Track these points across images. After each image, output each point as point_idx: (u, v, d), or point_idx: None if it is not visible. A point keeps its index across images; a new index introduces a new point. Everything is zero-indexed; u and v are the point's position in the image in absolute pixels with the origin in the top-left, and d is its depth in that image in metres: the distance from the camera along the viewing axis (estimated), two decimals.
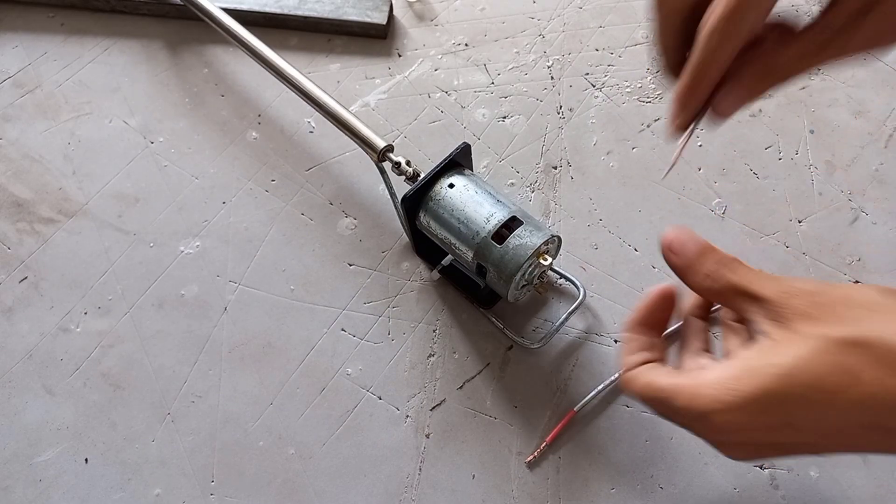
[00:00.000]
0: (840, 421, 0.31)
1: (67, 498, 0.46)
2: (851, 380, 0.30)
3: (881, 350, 0.30)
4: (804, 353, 0.31)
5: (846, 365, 0.30)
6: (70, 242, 0.55)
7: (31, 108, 0.61)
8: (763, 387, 0.31)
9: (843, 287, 0.32)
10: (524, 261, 0.43)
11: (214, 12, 0.57)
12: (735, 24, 0.31)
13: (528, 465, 0.46)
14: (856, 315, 0.31)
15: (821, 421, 0.31)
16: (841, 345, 0.31)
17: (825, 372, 0.31)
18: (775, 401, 0.31)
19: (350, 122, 0.50)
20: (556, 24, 0.65)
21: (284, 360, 0.50)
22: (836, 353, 0.31)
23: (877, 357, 0.30)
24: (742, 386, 0.32)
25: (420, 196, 0.47)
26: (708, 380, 0.33)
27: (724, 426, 0.32)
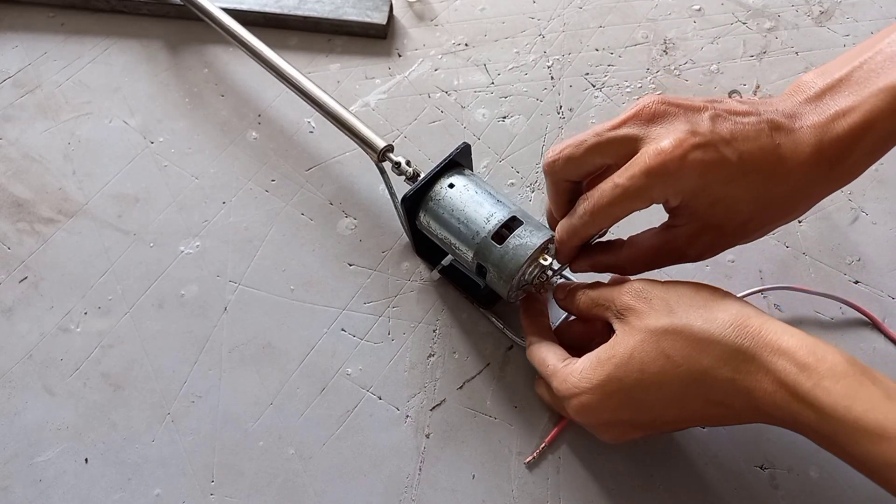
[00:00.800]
0: (671, 396, 0.37)
1: (67, 498, 0.46)
2: (668, 362, 0.36)
3: (688, 334, 0.36)
4: (634, 344, 0.37)
5: (663, 349, 0.36)
6: (70, 242, 0.55)
7: (31, 108, 0.61)
8: (607, 374, 0.38)
9: (665, 284, 0.39)
10: (524, 261, 0.43)
11: (214, 12, 0.57)
12: (595, 221, 0.40)
13: (528, 465, 0.46)
14: (671, 308, 0.37)
15: (657, 397, 0.37)
16: (659, 333, 0.36)
17: (649, 358, 0.37)
18: (617, 384, 0.37)
19: (350, 122, 0.50)
20: (556, 24, 0.65)
21: (284, 360, 0.50)
22: (655, 340, 0.36)
23: (686, 340, 0.36)
24: (593, 374, 0.38)
25: (420, 196, 0.47)
26: (573, 369, 0.40)
27: (582, 407, 0.39)
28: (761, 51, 0.63)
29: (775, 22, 0.65)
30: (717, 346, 0.35)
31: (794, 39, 0.64)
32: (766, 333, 0.34)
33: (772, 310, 0.51)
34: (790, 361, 0.33)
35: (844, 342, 0.50)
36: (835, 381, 0.31)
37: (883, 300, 0.51)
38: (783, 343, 0.33)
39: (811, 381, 0.32)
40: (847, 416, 0.31)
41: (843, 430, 0.31)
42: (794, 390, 0.32)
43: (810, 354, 0.33)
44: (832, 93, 0.37)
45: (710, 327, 0.35)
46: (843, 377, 0.32)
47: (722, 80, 0.62)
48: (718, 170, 0.36)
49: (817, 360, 0.32)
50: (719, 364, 0.35)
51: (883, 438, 0.30)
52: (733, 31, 0.65)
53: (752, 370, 0.34)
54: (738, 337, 0.34)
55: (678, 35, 0.65)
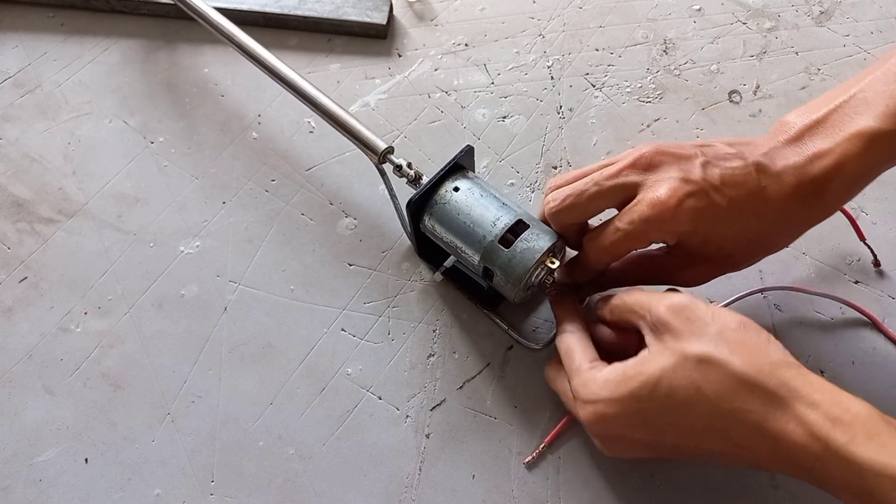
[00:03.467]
0: (693, 428, 0.36)
1: (67, 498, 0.46)
2: (697, 393, 0.35)
3: (725, 370, 0.35)
4: (665, 365, 0.36)
5: (694, 379, 0.35)
6: (70, 242, 0.55)
7: (31, 108, 0.61)
8: (630, 391, 0.37)
9: (711, 308, 0.38)
10: (532, 264, 0.43)
11: (213, 16, 0.57)
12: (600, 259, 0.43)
13: (528, 465, 0.46)
14: (713, 337, 0.36)
15: (677, 426, 0.37)
16: (694, 361, 0.36)
17: (679, 385, 0.36)
18: (638, 404, 0.37)
19: (349, 123, 0.50)
20: (556, 24, 0.65)
21: (284, 360, 0.50)
22: (689, 368, 0.36)
23: (721, 376, 0.35)
24: (616, 388, 0.38)
25: (425, 199, 0.47)
26: (597, 375, 0.39)
27: (596, 417, 0.39)
28: (761, 51, 0.63)
29: (775, 22, 0.65)
30: (753, 389, 0.34)
31: (794, 39, 0.64)
32: (801, 385, 0.34)
33: (772, 310, 0.51)
34: (823, 415, 0.32)
35: (844, 342, 0.50)
36: (869, 438, 0.31)
37: (883, 300, 0.51)
38: (817, 396, 0.33)
39: (845, 437, 0.31)
40: (885, 472, 0.30)
41: (879, 486, 0.30)
42: (827, 445, 0.32)
43: (842, 410, 0.32)
44: (810, 134, 0.40)
45: (748, 369, 0.34)
46: (877, 433, 0.31)
47: (722, 80, 0.62)
48: (709, 214, 0.39)
49: (851, 417, 0.32)
50: (751, 407, 0.34)
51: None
52: (733, 31, 0.65)
53: (784, 420, 0.33)
54: (774, 385, 0.34)
55: (678, 35, 0.65)
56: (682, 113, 0.60)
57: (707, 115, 0.60)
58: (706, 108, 0.61)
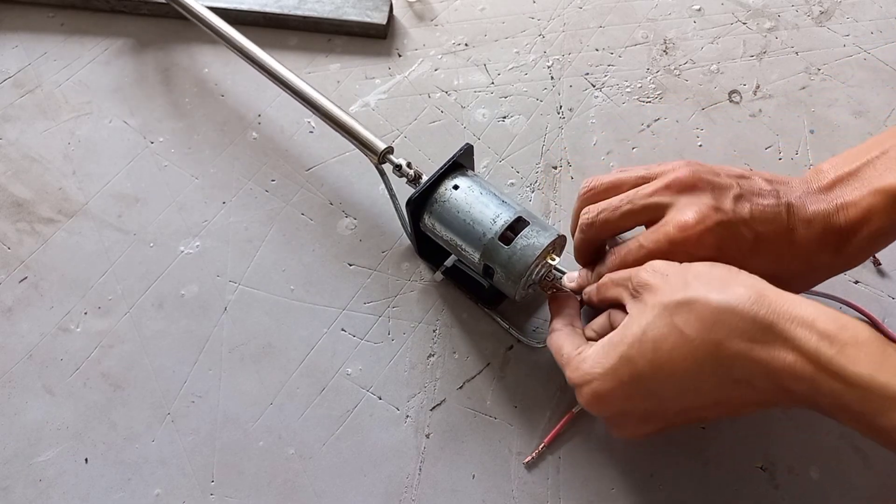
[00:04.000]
0: (686, 376, 0.35)
1: (67, 498, 0.46)
2: (681, 337, 0.35)
3: (702, 306, 0.34)
4: (647, 321, 0.36)
5: (676, 324, 0.35)
6: (70, 242, 0.55)
7: (31, 108, 0.61)
8: (619, 355, 0.37)
9: (683, 263, 0.38)
10: (532, 261, 0.43)
11: (214, 20, 0.57)
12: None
13: (527, 465, 0.46)
14: (687, 282, 0.36)
15: (671, 381, 0.36)
16: (673, 307, 0.36)
17: (662, 334, 0.35)
18: (629, 368, 0.36)
19: (348, 124, 0.50)
20: (556, 24, 0.65)
21: (284, 360, 0.50)
22: (669, 315, 0.35)
23: (699, 313, 0.35)
24: (605, 359, 0.37)
25: (424, 198, 0.47)
26: (585, 356, 0.39)
27: (593, 396, 0.38)
28: (761, 51, 0.63)
29: (775, 22, 0.65)
30: (733, 316, 0.34)
31: (794, 39, 0.64)
32: (783, 303, 0.33)
33: None
34: (810, 330, 0.32)
35: None
36: (858, 349, 0.31)
37: (883, 300, 0.51)
38: (802, 312, 0.33)
39: (834, 349, 0.31)
40: (874, 383, 0.30)
41: (869, 398, 0.30)
42: (817, 359, 0.31)
43: (831, 323, 0.32)
44: (841, 185, 0.40)
45: (725, 298, 0.34)
46: (867, 344, 0.31)
47: (722, 80, 0.62)
48: (734, 245, 0.39)
49: (839, 329, 0.31)
50: (735, 335, 0.33)
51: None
52: (733, 31, 0.65)
53: (770, 340, 0.33)
54: (755, 306, 0.33)
55: (678, 35, 0.65)
56: (682, 113, 0.60)
57: (707, 115, 0.60)
58: (706, 108, 0.61)
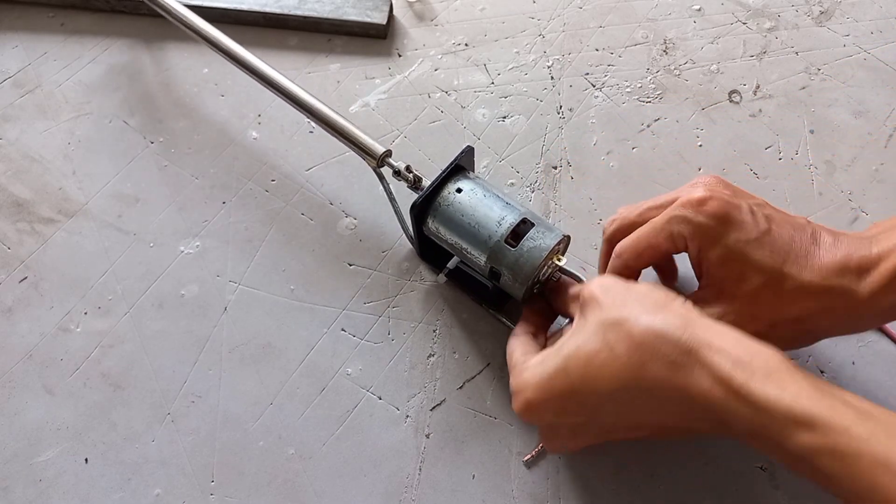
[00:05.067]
0: (614, 394, 0.36)
1: (67, 498, 0.46)
2: (611, 354, 0.35)
3: (631, 326, 0.35)
4: (584, 336, 0.37)
5: (608, 340, 0.36)
6: (70, 242, 0.55)
7: (31, 108, 0.61)
8: (554, 366, 0.37)
9: (628, 282, 0.39)
10: (540, 262, 0.43)
11: (203, 25, 0.57)
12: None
13: (527, 463, 0.46)
14: (625, 302, 0.37)
15: (600, 396, 0.36)
16: (606, 324, 0.36)
17: (594, 349, 0.36)
18: (562, 379, 0.37)
19: (345, 128, 0.49)
20: (556, 24, 0.65)
21: (284, 360, 0.50)
22: (603, 332, 0.36)
23: (628, 333, 0.35)
24: (542, 369, 0.38)
25: (428, 202, 0.46)
26: (527, 365, 0.39)
27: (525, 405, 0.39)
28: (761, 51, 0.63)
29: (775, 22, 0.65)
30: (657, 339, 0.35)
31: (794, 39, 0.64)
32: (707, 332, 0.34)
33: None
34: (726, 357, 0.33)
35: (844, 342, 0.50)
36: (767, 375, 0.32)
37: None
38: (722, 340, 0.34)
39: (745, 375, 0.32)
40: (778, 406, 0.31)
41: (774, 422, 0.31)
42: (729, 384, 0.32)
43: (745, 351, 0.33)
44: (882, 236, 0.39)
45: (653, 321, 0.35)
46: (776, 371, 0.32)
47: (722, 80, 0.62)
48: (740, 229, 0.39)
49: (751, 356, 0.33)
50: (656, 359, 0.34)
51: (812, 426, 0.31)
52: (733, 31, 0.65)
53: (689, 365, 0.34)
54: (679, 332, 0.34)
55: (678, 35, 0.65)
56: (682, 113, 0.60)
57: (707, 115, 0.60)
58: (706, 108, 0.61)
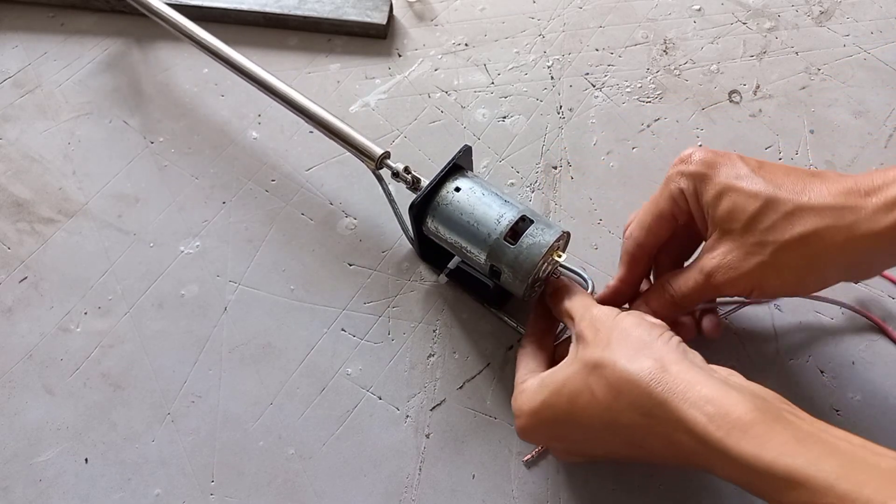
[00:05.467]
0: (596, 432, 0.37)
1: (67, 498, 0.46)
2: (592, 397, 0.36)
3: (609, 373, 0.36)
4: (570, 373, 0.38)
5: (589, 383, 0.36)
6: (70, 242, 0.55)
7: (31, 108, 0.61)
8: (542, 400, 0.39)
9: (618, 316, 0.39)
10: (539, 259, 0.43)
11: (199, 32, 0.56)
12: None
13: (526, 463, 0.46)
14: (609, 341, 0.37)
15: (584, 432, 0.38)
16: (591, 366, 0.37)
17: (577, 390, 0.37)
18: (550, 412, 0.38)
19: (343, 130, 0.49)
20: (556, 24, 0.65)
21: (284, 360, 0.50)
22: (586, 373, 0.37)
23: (607, 379, 0.36)
24: (533, 398, 0.39)
25: (427, 202, 0.47)
26: (525, 388, 0.41)
27: (520, 430, 0.41)
28: (761, 51, 0.63)
29: (775, 22, 0.65)
30: (632, 389, 0.35)
31: (794, 39, 0.64)
32: (681, 382, 0.34)
33: (772, 310, 0.51)
34: (700, 412, 0.32)
35: (844, 342, 0.50)
36: (743, 431, 0.31)
37: (883, 300, 0.51)
38: (694, 394, 0.33)
39: (721, 432, 0.31)
40: (758, 465, 0.30)
41: (757, 479, 0.31)
42: (706, 441, 0.32)
43: (721, 403, 0.32)
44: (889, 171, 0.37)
45: (629, 369, 0.35)
46: (752, 425, 0.31)
47: (722, 80, 0.62)
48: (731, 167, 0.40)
49: (726, 411, 0.32)
50: (632, 409, 0.35)
51: (796, 485, 0.29)
52: (733, 31, 0.65)
53: (665, 418, 0.33)
54: (653, 383, 0.34)
55: (678, 35, 0.65)
56: (682, 113, 0.60)
57: (707, 115, 0.60)
58: (706, 108, 0.61)
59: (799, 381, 0.48)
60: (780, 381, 0.48)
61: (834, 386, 0.48)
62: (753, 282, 0.39)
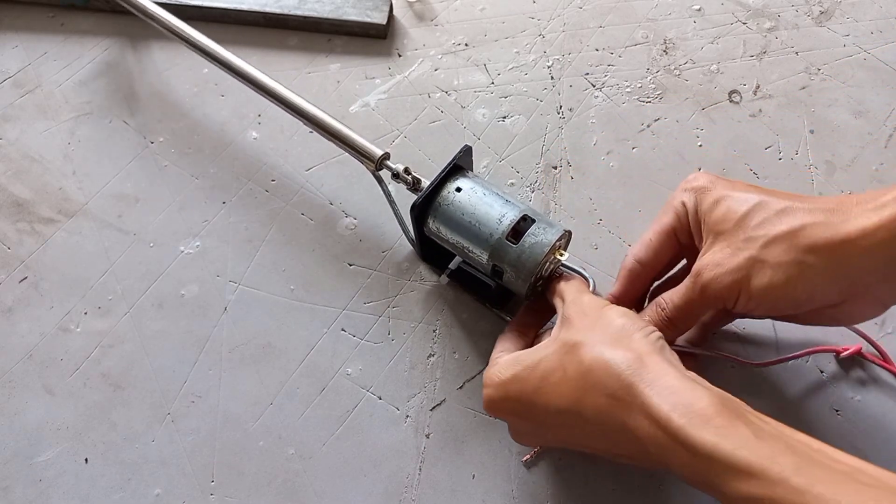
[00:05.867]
0: (562, 413, 0.37)
1: (67, 498, 0.46)
2: (563, 376, 0.37)
3: (584, 354, 0.36)
4: (547, 352, 0.38)
5: (563, 363, 0.37)
6: (70, 242, 0.55)
7: (31, 108, 0.61)
8: (513, 373, 0.39)
9: (606, 308, 0.39)
10: (542, 258, 0.43)
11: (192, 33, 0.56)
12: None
13: (525, 464, 0.46)
14: (592, 327, 0.38)
15: (550, 412, 0.38)
16: (568, 347, 0.37)
17: (551, 368, 0.38)
18: (518, 386, 0.39)
19: (342, 133, 0.49)
20: (556, 24, 0.65)
21: (284, 360, 0.50)
22: (563, 353, 0.37)
23: (582, 359, 0.36)
24: (504, 371, 0.40)
25: (427, 203, 0.47)
26: (499, 361, 0.41)
27: (486, 400, 0.41)
28: (761, 51, 0.63)
29: (775, 22, 0.65)
30: (603, 371, 0.35)
31: (794, 39, 0.64)
32: (653, 373, 0.34)
33: None
34: (665, 399, 0.33)
35: (844, 343, 0.50)
36: (705, 421, 0.31)
37: None
38: (662, 382, 0.33)
39: (683, 420, 0.32)
40: (716, 454, 0.30)
41: (713, 469, 0.31)
42: (667, 427, 0.32)
43: (684, 396, 0.33)
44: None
45: (605, 353, 0.36)
46: (715, 417, 0.31)
47: (722, 80, 0.62)
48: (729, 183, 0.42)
49: (690, 402, 0.32)
50: (598, 390, 0.35)
51: (751, 476, 0.30)
52: (733, 31, 0.65)
53: (628, 402, 0.34)
54: (624, 367, 0.34)
55: (678, 35, 0.65)
56: (682, 113, 0.60)
57: (707, 115, 0.60)
58: (706, 108, 0.61)
59: (799, 381, 0.48)
60: (780, 381, 0.48)
61: (834, 386, 0.48)
62: (740, 279, 0.38)
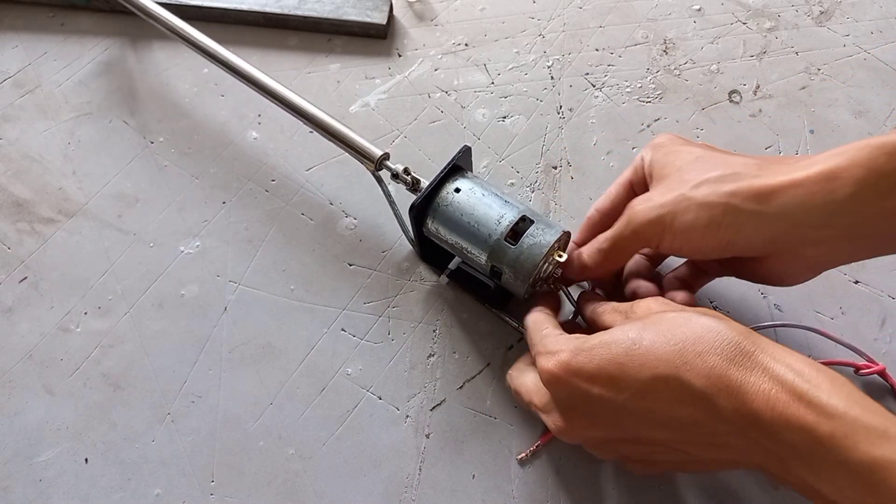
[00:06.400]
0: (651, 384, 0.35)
1: (67, 498, 0.46)
2: (662, 338, 0.35)
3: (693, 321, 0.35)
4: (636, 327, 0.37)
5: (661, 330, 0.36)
6: (70, 242, 0.55)
7: (31, 108, 0.61)
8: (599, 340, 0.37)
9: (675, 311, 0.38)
10: (540, 259, 0.43)
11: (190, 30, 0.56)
12: None
13: (520, 462, 0.46)
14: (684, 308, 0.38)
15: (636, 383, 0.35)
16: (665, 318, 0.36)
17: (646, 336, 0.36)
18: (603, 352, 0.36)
19: (342, 133, 0.49)
20: (556, 24, 0.65)
21: (284, 360, 0.50)
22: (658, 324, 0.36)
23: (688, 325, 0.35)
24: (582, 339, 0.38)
25: (426, 203, 0.47)
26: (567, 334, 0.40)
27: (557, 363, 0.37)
28: (761, 51, 0.63)
29: (775, 22, 0.65)
30: (718, 335, 0.34)
31: (794, 39, 0.64)
32: (767, 344, 0.34)
33: (772, 310, 0.51)
34: (788, 368, 0.33)
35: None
36: (833, 387, 0.31)
37: (883, 300, 0.51)
38: (782, 353, 0.33)
39: (809, 385, 0.32)
40: (848, 414, 0.30)
41: (842, 430, 0.30)
42: (793, 389, 0.32)
43: (809, 368, 0.32)
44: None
45: (718, 320, 0.35)
46: (842, 387, 0.32)
47: (722, 80, 0.62)
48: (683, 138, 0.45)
49: (816, 373, 0.32)
50: (715, 351, 0.34)
51: (886, 437, 0.29)
52: (733, 31, 0.65)
53: (749, 366, 0.33)
54: (741, 337, 0.34)
55: (678, 35, 0.65)
56: (682, 113, 0.60)
57: (707, 115, 0.60)
58: (706, 108, 0.61)
59: None
60: None
61: None
62: (664, 215, 0.40)
